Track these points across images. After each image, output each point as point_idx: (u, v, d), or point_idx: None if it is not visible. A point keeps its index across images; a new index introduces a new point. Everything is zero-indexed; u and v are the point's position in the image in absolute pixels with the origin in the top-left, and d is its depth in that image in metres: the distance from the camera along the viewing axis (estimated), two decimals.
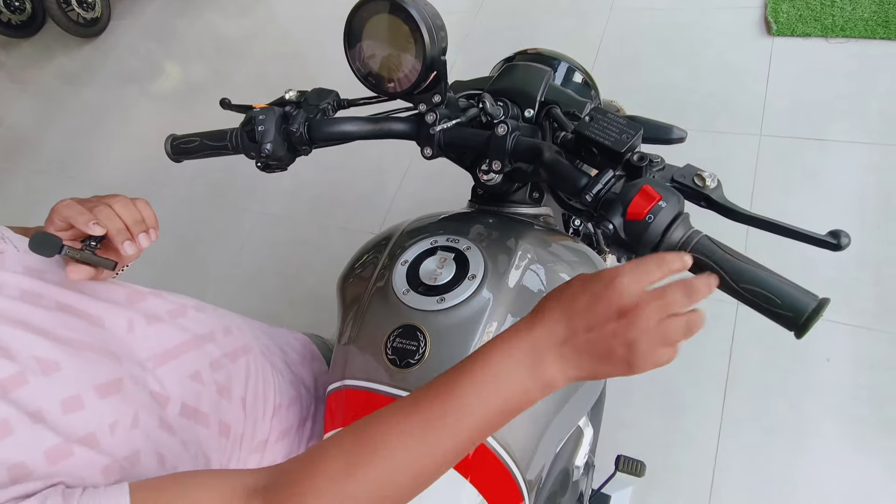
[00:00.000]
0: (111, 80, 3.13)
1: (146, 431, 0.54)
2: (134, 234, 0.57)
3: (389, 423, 0.44)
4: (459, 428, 0.43)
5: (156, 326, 0.61)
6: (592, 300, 0.42)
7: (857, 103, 1.69)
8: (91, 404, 0.50)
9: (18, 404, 0.46)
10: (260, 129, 0.67)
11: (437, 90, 0.67)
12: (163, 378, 0.59)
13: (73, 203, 0.55)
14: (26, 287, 0.53)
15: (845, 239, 0.47)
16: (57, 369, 0.49)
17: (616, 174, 0.52)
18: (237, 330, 0.71)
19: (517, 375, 0.43)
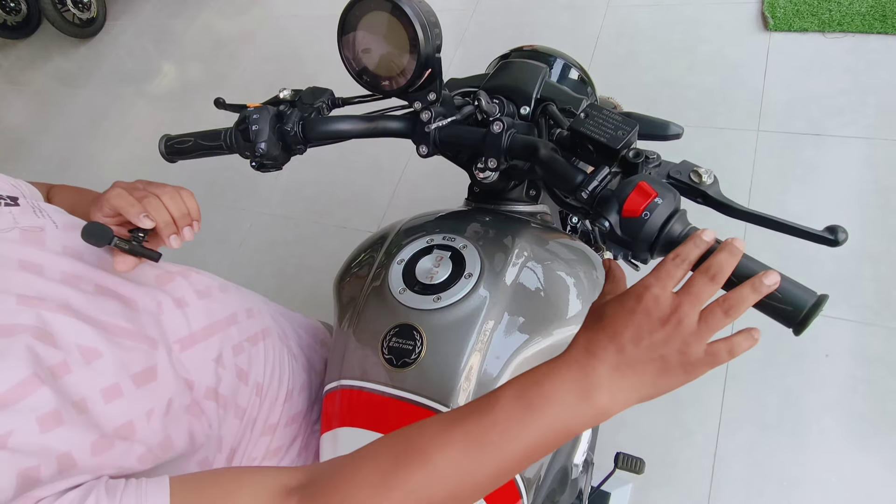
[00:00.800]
0: (108, 81, 3.12)
1: (177, 416, 0.55)
2: (180, 228, 0.58)
3: (432, 434, 0.43)
4: (503, 449, 0.42)
5: (183, 309, 0.61)
6: (632, 317, 0.42)
7: (854, 98, 1.69)
8: (129, 393, 0.50)
9: (65, 393, 0.46)
10: (254, 129, 0.66)
11: (432, 88, 0.66)
12: (187, 362, 0.59)
13: (124, 193, 0.55)
14: (67, 269, 0.53)
15: (842, 234, 0.47)
16: (98, 357, 0.49)
17: (612, 171, 0.52)
18: (258, 312, 0.71)
19: (568, 402, 0.42)
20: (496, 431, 0.42)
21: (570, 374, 0.43)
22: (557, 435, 0.42)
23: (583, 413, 0.42)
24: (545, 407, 0.42)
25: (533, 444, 0.42)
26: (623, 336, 0.42)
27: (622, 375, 0.42)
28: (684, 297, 0.42)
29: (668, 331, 0.41)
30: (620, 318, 0.43)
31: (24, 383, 0.43)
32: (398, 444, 0.44)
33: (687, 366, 0.42)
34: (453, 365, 0.60)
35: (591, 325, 0.45)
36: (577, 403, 0.42)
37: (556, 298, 0.67)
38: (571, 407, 0.42)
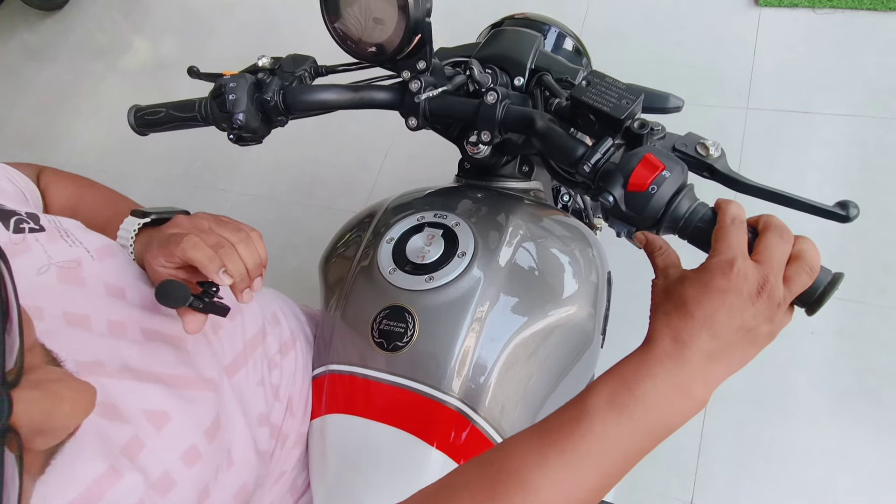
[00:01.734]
0: (77, 56, 2.98)
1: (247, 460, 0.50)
2: (252, 279, 0.51)
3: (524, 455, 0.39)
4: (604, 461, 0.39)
5: (220, 334, 0.55)
6: (724, 297, 0.39)
7: (843, 75, 1.68)
8: (205, 452, 0.45)
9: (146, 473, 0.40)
10: (231, 98, 0.62)
11: (422, 55, 0.62)
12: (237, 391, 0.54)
13: (200, 244, 0.47)
14: (114, 316, 0.46)
15: (854, 210, 0.45)
16: (168, 420, 0.44)
17: (615, 143, 0.49)
18: (283, 317, 0.66)
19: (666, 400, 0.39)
20: (594, 444, 0.38)
21: (663, 371, 0.39)
22: (657, 436, 0.40)
23: (682, 409, 0.39)
24: (643, 411, 0.39)
25: (633, 450, 0.39)
26: (716, 320, 0.39)
27: (716, 362, 0.40)
28: (768, 267, 0.39)
29: (761, 305, 0.39)
30: (710, 299, 0.39)
31: (100, 479, 0.37)
32: (488, 471, 0.39)
33: (772, 333, 0.40)
34: (447, 348, 0.57)
35: (672, 311, 0.41)
36: (676, 400, 0.39)
37: (552, 278, 0.64)
38: (670, 406, 0.39)
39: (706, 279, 0.40)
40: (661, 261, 0.45)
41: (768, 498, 1.25)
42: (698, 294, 0.40)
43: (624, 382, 0.40)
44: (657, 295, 0.43)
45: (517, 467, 0.38)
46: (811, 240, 0.41)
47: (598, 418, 0.39)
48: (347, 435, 0.60)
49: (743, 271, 0.39)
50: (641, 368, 0.40)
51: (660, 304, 0.43)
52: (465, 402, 0.57)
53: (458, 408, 0.57)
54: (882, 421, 1.26)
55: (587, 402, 0.40)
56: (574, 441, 0.38)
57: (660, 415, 0.39)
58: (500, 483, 0.38)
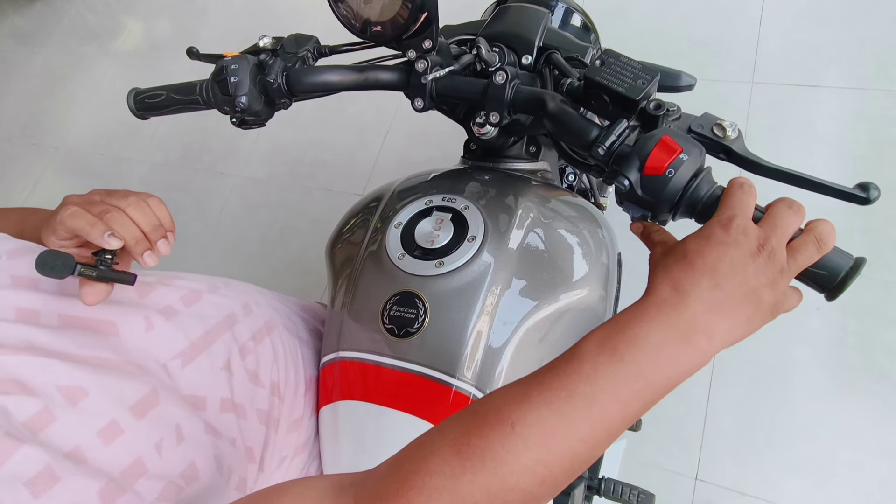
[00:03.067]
0: (69, 39, 2.93)
1: (195, 440, 0.49)
2: (153, 242, 0.49)
3: (506, 397, 0.37)
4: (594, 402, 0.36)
5: (174, 320, 0.55)
6: (724, 248, 0.39)
7: (849, 48, 1.65)
8: (130, 428, 0.44)
9: (53, 446, 0.39)
10: (233, 80, 0.60)
11: (428, 34, 0.61)
12: (193, 376, 0.53)
13: (81, 211, 0.46)
14: (22, 304, 0.45)
15: (874, 192, 0.44)
16: (84, 396, 0.43)
17: (630, 125, 0.48)
18: (256, 306, 0.65)
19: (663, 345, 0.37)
20: (582, 384, 0.36)
21: (660, 316, 0.38)
22: (654, 384, 0.37)
23: (680, 357, 0.37)
24: (634, 352, 0.37)
25: (627, 395, 0.36)
26: (717, 269, 0.38)
27: (718, 314, 0.38)
28: (770, 229, 0.39)
29: (760, 264, 0.38)
30: (710, 250, 0.39)
31: None
32: (463, 414, 0.38)
33: (776, 304, 0.39)
34: (459, 333, 0.57)
35: (671, 264, 0.40)
36: (675, 347, 0.37)
37: (564, 260, 0.63)
38: (666, 351, 0.37)
39: (707, 233, 0.40)
40: (657, 237, 0.45)
41: (772, 472, 1.27)
42: (699, 246, 0.40)
43: (617, 328, 0.38)
44: (655, 258, 0.43)
45: (496, 405, 0.36)
46: (829, 222, 0.41)
47: (587, 360, 0.37)
48: (359, 421, 0.60)
49: (742, 227, 0.39)
50: (638, 313, 0.39)
51: (659, 261, 0.42)
52: (477, 386, 0.57)
53: (470, 393, 0.57)
54: (887, 396, 1.27)
55: (578, 347, 0.39)
56: (560, 381, 0.36)
57: (655, 360, 0.37)
58: (476, 420, 0.36)
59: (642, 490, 1.06)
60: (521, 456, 0.34)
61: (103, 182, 2.29)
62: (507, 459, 0.34)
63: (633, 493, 1.05)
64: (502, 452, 0.34)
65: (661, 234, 0.46)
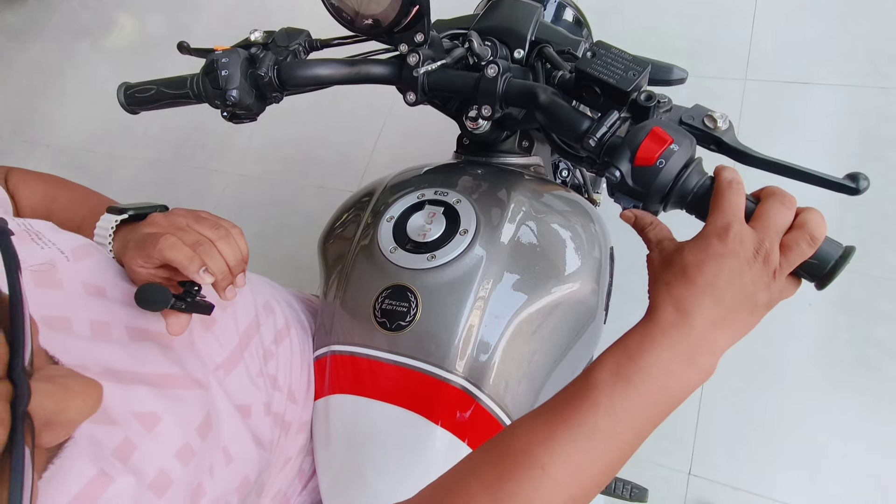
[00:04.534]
0: (61, 35, 2.91)
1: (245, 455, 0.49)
2: (234, 276, 0.50)
3: (530, 433, 0.39)
4: (613, 435, 0.38)
5: (213, 329, 0.54)
6: (723, 262, 0.39)
7: (842, 44, 1.65)
8: (198, 449, 0.45)
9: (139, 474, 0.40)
10: (224, 74, 0.60)
11: (420, 28, 0.61)
12: (235, 386, 0.53)
13: (179, 243, 0.46)
14: (95, 316, 0.45)
15: (864, 182, 0.44)
16: (158, 422, 0.43)
17: (621, 116, 0.48)
18: (276, 305, 0.65)
19: (672, 370, 0.39)
20: (602, 418, 0.38)
21: (668, 341, 0.39)
22: (664, 408, 0.39)
23: (688, 379, 0.39)
24: (648, 381, 0.38)
25: (641, 422, 0.39)
26: (717, 286, 0.39)
27: (720, 329, 0.39)
28: (764, 231, 0.39)
29: (757, 270, 0.39)
30: (709, 265, 0.39)
31: (91, 484, 0.37)
32: (493, 453, 0.39)
33: (770, 301, 0.40)
34: (451, 326, 0.57)
35: (672, 281, 0.40)
36: (681, 370, 0.39)
37: (555, 254, 0.63)
38: (676, 375, 0.39)
39: (704, 245, 0.40)
40: (653, 235, 0.45)
41: (765, 467, 1.28)
42: (698, 261, 0.40)
43: (628, 355, 0.39)
44: (654, 267, 0.43)
45: (524, 446, 0.38)
46: (819, 211, 0.40)
47: (604, 392, 0.38)
48: (351, 415, 0.60)
49: (739, 235, 0.39)
50: (646, 340, 0.39)
51: (659, 276, 0.42)
52: (469, 380, 0.57)
53: (462, 386, 0.57)
54: (878, 391, 1.28)
55: (592, 376, 0.39)
56: (581, 416, 0.38)
57: (666, 385, 0.39)
58: (508, 463, 0.38)
59: (635, 484, 1.07)
60: (553, 496, 0.37)
61: (95, 180, 2.27)
62: (539, 500, 0.36)
63: (626, 488, 1.06)
64: (535, 495, 0.36)
65: (657, 231, 0.45)
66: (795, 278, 0.42)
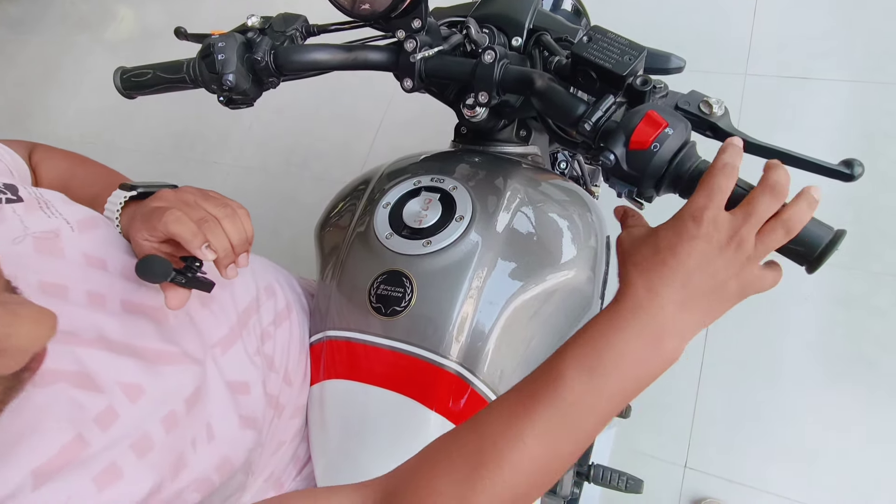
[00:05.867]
0: (59, 27, 2.90)
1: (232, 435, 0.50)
2: (237, 255, 0.50)
3: (503, 429, 0.39)
4: (581, 427, 0.39)
5: (212, 307, 0.55)
6: (694, 244, 0.39)
7: (842, 40, 1.65)
8: (182, 420, 0.45)
9: (117, 441, 0.41)
10: (220, 58, 0.60)
11: (417, 14, 0.60)
12: (233, 364, 0.53)
13: (184, 218, 0.46)
14: (92, 287, 0.45)
15: (859, 168, 0.45)
16: (141, 394, 0.44)
17: (617, 100, 0.48)
18: (278, 287, 0.65)
19: (638, 355, 0.39)
20: (570, 412, 0.38)
21: (636, 324, 0.39)
22: (629, 394, 0.39)
23: (654, 365, 0.39)
24: (615, 371, 0.38)
25: (606, 409, 0.39)
26: (687, 266, 0.39)
27: (688, 311, 0.39)
28: (743, 217, 0.39)
29: (729, 255, 0.38)
30: (681, 246, 0.39)
31: (67, 447, 0.38)
32: (468, 445, 0.39)
33: (741, 289, 0.40)
34: (446, 312, 0.57)
35: (641, 262, 0.41)
36: (648, 354, 0.39)
37: (551, 242, 0.63)
38: (644, 362, 0.39)
39: (679, 226, 0.40)
40: (631, 221, 0.46)
41: (760, 460, 1.28)
42: (670, 242, 0.40)
43: (593, 343, 0.39)
44: (624, 249, 0.43)
45: (494, 444, 0.38)
46: (810, 197, 0.39)
47: (569, 386, 0.38)
48: (346, 400, 0.60)
49: (713, 218, 0.39)
50: (613, 324, 0.40)
51: (629, 256, 0.42)
52: (463, 365, 0.57)
53: (457, 371, 0.57)
54: (873, 385, 1.28)
55: (558, 368, 0.39)
56: (548, 410, 0.38)
57: (632, 371, 0.39)
58: (479, 459, 0.38)
59: (631, 476, 1.07)
60: (520, 485, 0.38)
61: None
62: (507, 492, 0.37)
63: (622, 479, 1.06)
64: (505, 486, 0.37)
65: (635, 218, 0.46)
66: (773, 271, 0.41)
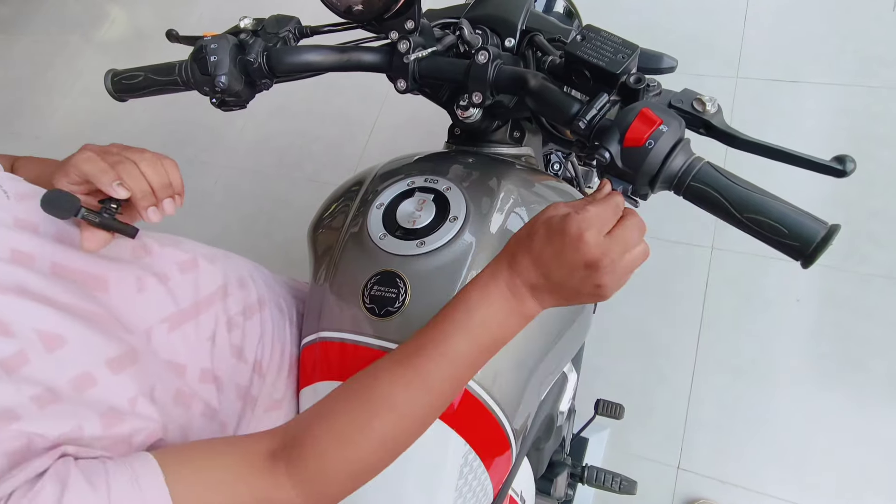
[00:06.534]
0: (50, 27, 2.88)
1: (164, 406, 0.49)
2: (159, 200, 0.50)
3: (391, 380, 0.45)
4: (450, 371, 0.45)
5: (167, 285, 0.55)
6: (560, 254, 0.43)
7: (831, 44, 1.67)
8: (104, 380, 0.45)
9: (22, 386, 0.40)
10: (212, 60, 0.59)
11: (410, 15, 0.60)
12: (176, 343, 0.53)
13: (95, 157, 0.47)
14: (19, 246, 0.45)
15: (850, 164, 0.45)
16: (62, 345, 0.43)
17: (611, 99, 0.48)
18: (251, 281, 0.65)
19: (498, 314, 0.45)
20: (447, 365, 0.45)
21: (499, 293, 0.45)
22: (494, 349, 0.46)
23: (514, 325, 0.46)
24: (482, 331, 0.45)
25: (476, 361, 0.46)
26: (546, 267, 0.44)
27: (543, 292, 0.45)
28: (615, 245, 0.42)
29: (590, 273, 0.43)
30: (548, 250, 0.43)
31: None
32: (361, 393, 0.45)
33: (600, 296, 0.45)
34: None
35: (524, 237, 0.46)
36: (509, 319, 0.46)
37: None
38: (505, 324, 0.46)
39: (557, 233, 0.43)
40: (581, 203, 0.45)
41: (752, 461, 1.28)
42: (543, 244, 0.44)
43: (467, 309, 0.45)
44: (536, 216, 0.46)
45: (385, 391, 0.44)
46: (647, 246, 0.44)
47: (450, 344, 0.45)
48: None
49: (587, 241, 0.42)
50: (485, 295, 0.45)
51: (526, 225, 0.46)
52: None
53: None
54: (863, 386, 1.29)
55: (441, 328, 0.45)
56: (433, 363, 0.45)
57: (497, 332, 0.46)
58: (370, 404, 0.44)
59: (625, 477, 1.07)
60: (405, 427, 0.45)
61: None
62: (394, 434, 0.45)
63: (616, 481, 1.06)
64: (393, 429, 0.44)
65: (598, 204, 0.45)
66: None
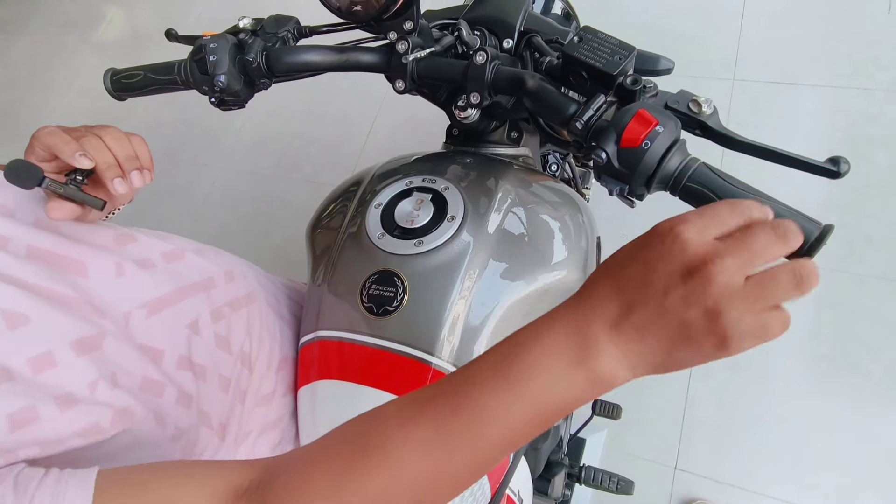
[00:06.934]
0: (47, 27, 2.87)
1: (130, 392, 0.49)
2: (126, 171, 0.50)
3: (396, 425, 0.35)
4: (480, 436, 0.33)
5: (148, 271, 0.55)
6: (648, 262, 0.32)
7: (827, 46, 1.68)
8: (66, 362, 0.45)
9: None
10: (212, 59, 0.60)
11: (409, 15, 0.61)
12: (154, 329, 0.53)
13: (58, 130, 0.48)
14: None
15: (845, 165, 0.45)
16: (24, 323, 0.43)
17: (608, 99, 0.49)
18: (241, 276, 0.65)
19: (557, 371, 0.33)
20: (470, 414, 0.33)
21: (559, 335, 0.33)
22: (546, 414, 0.33)
23: (577, 383, 0.33)
24: (529, 380, 0.33)
25: (516, 427, 0.33)
26: (630, 287, 0.32)
27: (627, 337, 0.32)
28: (732, 247, 0.30)
29: (692, 287, 0.30)
30: (633, 263, 0.33)
31: None
32: (353, 438, 0.36)
33: (722, 335, 0.30)
34: (437, 312, 0.57)
35: (603, 266, 0.35)
36: (569, 371, 0.33)
37: (542, 243, 0.64)
38: (562, 376, 0.33)
39: (645, 238, 0.33)
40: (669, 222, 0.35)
41: (749, 461, 1.29)
42: (626, 257, 0.34)
43: (515, 346, 0.34)
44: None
45: (381, 439, 0.35)
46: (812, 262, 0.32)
47: (481, 386, 0.34)
48: (338, 400, 0.60)
49: (682, 238, 0.31)
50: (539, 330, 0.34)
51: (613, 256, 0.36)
52: (455, 365, 0.57)
53: (448, 371, 0.57)
54: (859, 387, 1.29)
55: (476, 364, 0.35)
56: (449, 409, 0.34)
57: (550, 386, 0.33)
58: (361, 455, 0.35)
59: (622, 477, 1.07)
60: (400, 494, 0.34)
61: None
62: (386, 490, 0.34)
63: (613, 481, 1.06)
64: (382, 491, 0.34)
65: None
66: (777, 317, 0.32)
